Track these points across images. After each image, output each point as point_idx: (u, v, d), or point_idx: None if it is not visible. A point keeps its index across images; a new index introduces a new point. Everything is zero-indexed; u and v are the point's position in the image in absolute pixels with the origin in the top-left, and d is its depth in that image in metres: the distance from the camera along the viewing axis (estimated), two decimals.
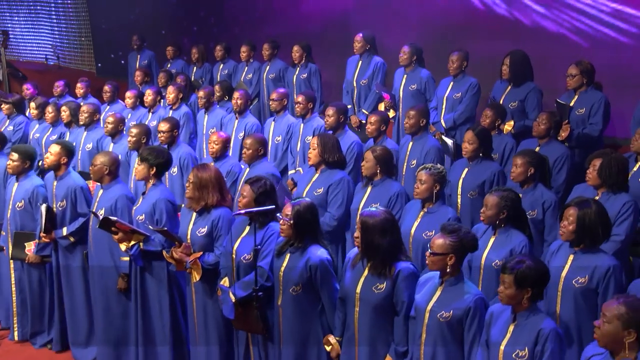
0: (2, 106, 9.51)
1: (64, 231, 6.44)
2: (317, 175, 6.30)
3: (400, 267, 4.62)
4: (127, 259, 5.99)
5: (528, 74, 7.62)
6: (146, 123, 8.95)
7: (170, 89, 8.90)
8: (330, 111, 7.32)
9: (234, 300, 5.21)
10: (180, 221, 5.80)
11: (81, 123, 8.22)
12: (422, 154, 6.79)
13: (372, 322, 4.69)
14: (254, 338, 5.40)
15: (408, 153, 6.91)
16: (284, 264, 5.04)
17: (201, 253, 5.56)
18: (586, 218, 4.60)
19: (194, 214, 5.65)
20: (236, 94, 8.26)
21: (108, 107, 9.76)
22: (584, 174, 6.49)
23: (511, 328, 4.16)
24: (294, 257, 5.00)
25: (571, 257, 4.71)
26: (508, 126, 7.44)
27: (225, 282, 5.39)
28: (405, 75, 8.43)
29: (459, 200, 6.39)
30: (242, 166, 7.11)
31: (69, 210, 6.48)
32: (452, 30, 9.79)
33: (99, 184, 6.27)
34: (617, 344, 3.69)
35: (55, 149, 6.51)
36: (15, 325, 7.02)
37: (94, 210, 6.15)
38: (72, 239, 6.46)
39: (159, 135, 7.27)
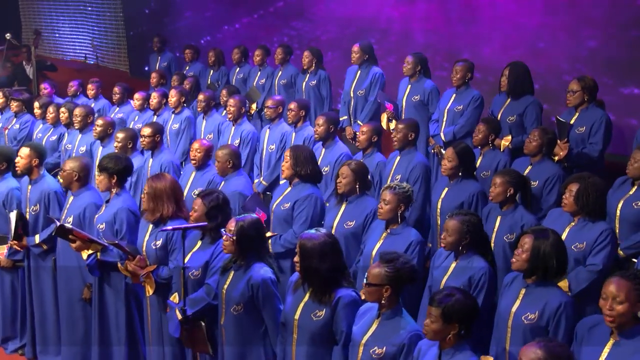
0: (11, 103, 9.54)
1: (37, 239, 6.33)
2: (289, 189, 6.07)
3: (341, 294, 4.37)
4: None
5: (527, 87, 7.26)
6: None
7: (173, 92, 8.78)
8: (320, 120, 7.09)
9: (180, 318, 5.03)
10: (138, 232, 5.64)
11: (75, 126, 8.15)
12: (407, 169, 6.49)
13: (309, 351, 4.44)
14: (202, 357, 5.21)
15: (394, 168, 6.62)
16: (227, 282, 4.83)
17: (155, 266, 5.40)
18: (541, 248, 4.30)
19: (150, 225, 5.50)
20: (231, 101, 8.09)
21: (117, 108, 9.73)
22: None
23: None
24: (237, 274, 4.80)
25: (523, 290, 4.41)
26: (505, 141, 7.09)
27: (174, 298, 5.22)
28: (409, 86, 8.13)
29: (438, 222, 6.09)
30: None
31: (42, 216, 6.39)
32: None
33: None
34: None
35: (25, 151, 6.41)
36: None
37: (63, 217, 6.05)
38: (44, 247, 6.35)
39: (141, 139, 7.14)
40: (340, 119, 8.76)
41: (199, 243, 5.20)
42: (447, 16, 9.96)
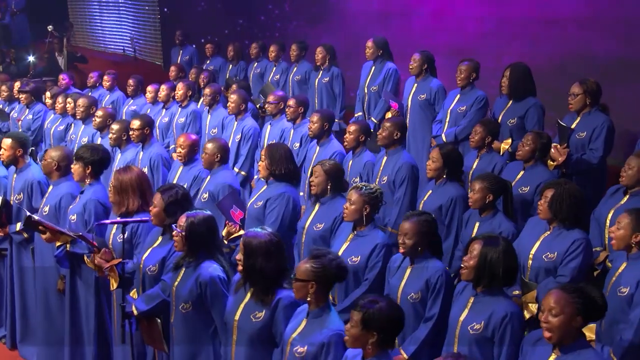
0: (19, 96, 9.63)
1: (18, 226, 6.34)
2: (264, 187, 5.94)
3: (281, 296, 4.23)
4: None
5: (529, 89, 6.96)
6: (158, 119, 8.91)
7: (180, 85, 8.75)
8: (314, 118, 6.94)
9: (135, 314, 4.94)
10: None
11: (77, 117, 8.17)
12: (393, 170, 6.29)
13: (248, 353, 4.31)
14: (159, 354, 5.12)
15: (381, 168, 6.43)
16: (178, 279, 4.72)
17: (119, 260, 5.32)
18: (489, 255, 4.10)
19: (117, 218, 5.43)
20: (233, 96, 8.00)
21: (131, 100, 9.76)
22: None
23: None
24: (187, 272, 4.69)
25: (471, 299, 4.22)
26: (505, 145, 6.82)
27: (134, 293, 5.14)
28: (415, 84, 7.91)
29: None
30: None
31: (25, 204, 6.39)
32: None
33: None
34: None
35: (7, 142, 6.42)
36: None
37: (41, 206, 6.04)
38: (25, 235, 6.34)
39: (130, 132, 7.10)
40: (355, 115, 8.62)
41: (160, 239, 5.11)
42: None
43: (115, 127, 7.14)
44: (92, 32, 18.26)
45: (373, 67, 8.47)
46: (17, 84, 10.00)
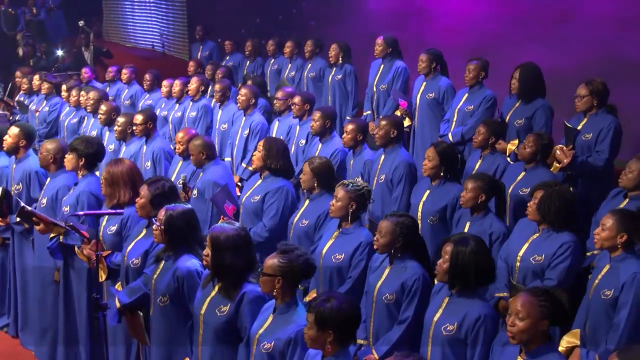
0: (42, 85, 9.74)
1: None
2: (259, 181, 5.91)
3: (246, 289, 4.19)
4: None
5: (539, 90, 6.81)
6: (171, 114, 8.94)
7: (192, 80, 8.76)
8: (315, 115, 6.89)
9: (118, 307, 4.94)
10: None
11: (88, 110, 8.22)
12: (390, 168, 6.21)
13: (213, 347, 4.27)
14: (143, 347, 5.11)
15: (379, 167, 6.35)
16: (157, 272, 4.71)
17: (109, 252, 5.34)
18: (459, 256, 4.03)
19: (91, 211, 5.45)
20: (242, 91, 7.98)
21: (147, 95, 9.80)
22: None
23: None
24: (166, 265, 4.67)
25: (446, 300, 4.16)
26: (512, 146, 6.68)
27: (118, 286, 5.14)
28: (424, 83, 7.79)
29: (420, 226, 5.77)
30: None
31: (24, 195, 6.44)
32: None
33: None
34: None
35: (14, 131, 6.49)
36: None
37: (39, 198, 6.09)
38: (26, 226, 6.37)
39: (134, 127, 7.11)
40: (364, 114, 8.54)
41: (144, 231, 5.10)
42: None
43: (120, 120, 7.17)
44: (124, 28, 18.43)
45: (382, 66, 8.37)
46: (36, 77, 10.10)
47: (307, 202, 5.56)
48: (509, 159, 6.48)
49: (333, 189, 5.52)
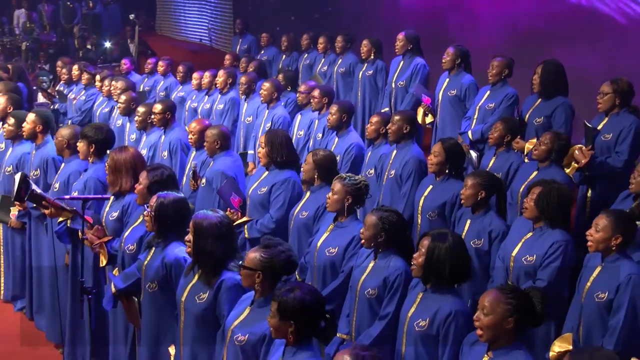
0: (82, 75, 9.93)
1: None
2: (265, 174, 5.92)
3: (225, 277, 4.19)
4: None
5: (560, 88, 6.63)
6: (201, 105, 9.03)
7: (221, 72, 8.84)
8: (333, 109, 6.87)
9: (113, 291, 5.00)
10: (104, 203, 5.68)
11: (115, 99, 8.35)
12: (401, 164, 6.15)
13: (194, 334, 4.30)
14: (138, 331, 5.16)
15: (390, 162, 6.30)
16: (148, 258, 4.75)
17: (110, 238, 5.41)
18: (435, 252, 3.98)
19: (112, 197, 5.51)
20: (265, 84, 8.01)
21: (180, 87, 9.91)
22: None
23: None
24: (156, 252, 4.71)
25: (420, 295, 4.11)
26: (530, 144, 6.53)
27: (115, 271, 5.20)
28: (447, 79, 7.70)
29: (419, 221, 5.74)
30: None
31: (42, 180, 6.57)
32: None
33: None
34: None
35: (31, 117, 6.63)
36: (2, 286, 7.26)
37: (53, 182, 6.21)
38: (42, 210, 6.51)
39: (152, 116, 7.19)
40: (382, 111, 8.48)
41: (141, 218, 5.14)
42: None
43: (140, 110, 7.27)
44: (175, 21, 18.70)
45: (402, 62, 8.30)
46: (75, 67, 10.31)
47: (307, 194, 5.55)
48: (526, 158, 6.35)
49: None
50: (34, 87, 11.85)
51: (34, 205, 6.36)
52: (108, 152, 5.79)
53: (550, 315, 4.68)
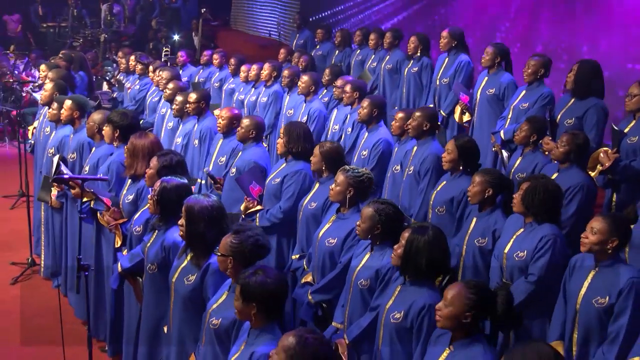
0: (137, 66, 10.25)
1: None
2: (283, 165, 6.01)
3: (212, 261, 4.31)
4: None
5: (595, 89, 6.47)
6: (247, 98, 9.20)
7: (266, 66, 8.98)
8: (364, 103, 6.90)
9: (119, 271, 5.19)
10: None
11: (160, 88, 8.60)
12: (420, 160, 6.15)
13: (181, 315, 4.45)
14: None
15: (411, 158, 6.29)
16: (150, 240, 4.92)
17: (125, 220, 5.61)
18: (414, 243, 4.00)
19: (129, 180, 5.71)
20: (304, 77, 8.10)
21: (232, 79, 10.10)
22: None
23: (242, 346, 3.71)
24: (158, 235, 4.87)
25: (398, 288, 4.13)
26: None
27: (125, 251, 5.39)
28: (486, 78, 7.61)
29: (429, 215, 5.74)
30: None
31: (78, 163, 6.84)
32: None
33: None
34: None
35: (67, 103, 6.91)
36: (42, 263, 7.59)
37: (85, 165, 6.46)
38: None
39: (187, 105, 7.37)
40: None
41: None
42: (572, 6, 9.16)
43: (178, 99, 7.47)
44: (248, 16, 18.97)
45: (447, 59, 8.24)
46: (132, 58, 10.64)
47: (317, 185, 5.62)
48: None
49: None
50: (99, 77, 12.32)
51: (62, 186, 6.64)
52: None
53: (544, 311, 4.66)
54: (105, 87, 11.78)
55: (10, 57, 14.83)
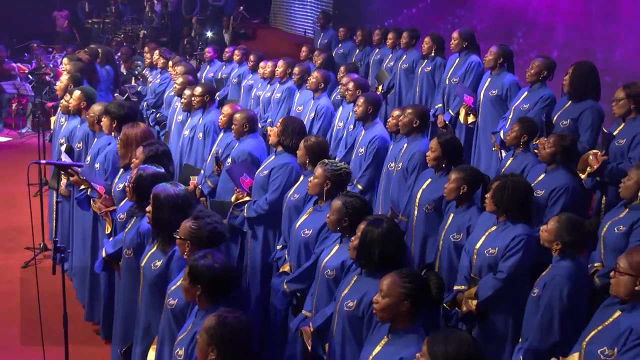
0: (159, 60, 10.49)
1: None
2: (272, 158, 6.15)
3: (177, 247, 4.44)
4: None
5: (590, 91, 6.45)
6: (262, 94, 9.38)
7: (280, 62, 9.12)
8: (359, 100, 7.01)
9: (103, 256, 5.38)
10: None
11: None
12: (408, 157, 6.23)
13: (148, 299, 4.61)
14: None
15: (400, 155, 6.38)
16: (128, 227, 5.09)
17: (114, 208, 5.80)
18: (368, 235, 4.11)
19: (121, 170, 5.90)
20: (314, 73, 8.22)
21: (250, 75, 10.28)
22: None
23: (190, 326, 3.88)
24: (135, 221, 5.04)
25: (355, 278, 4.27)
26: None
27: (111, 238, 5.58)
28: (489, 79, 7.64)
29: (415, 213, 5.80)
30: None
31: (83, 152, 7.07)
32: None
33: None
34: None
35: (76, 93, 7.14)
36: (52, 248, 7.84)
37: (88, 155, 6.70)
38: None
39: (193, 98, 7.55)
40: (435, 107, 8.51)
41: None
42: (588, 11, 9.11)
43: (186, 93, 7.66)
44: (286, 14, 19.17)
45: (457, 60, 8.28)
46: (156, 52, 10.90)
47: (301, 178, 5.74)
48: None
49: None
50: (129, 71, 12.64)
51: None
52: None
53: (509, 309, 4.72)
54: (133, 81, 12.09)
55: (49, 52, 15.30)
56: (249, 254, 6.13)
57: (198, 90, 7.56)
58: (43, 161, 5.94)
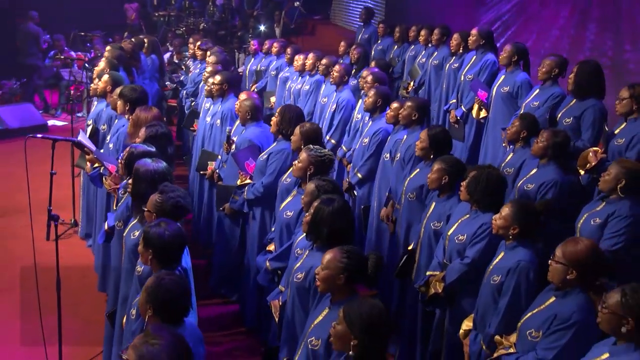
0: (197, 52, 10.87)
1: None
2: (274, 144, 6.40)
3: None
4: None
5: (594, 89, 6.50)
6: (294, 86, 9.64)
7: (310, 55, 9.36)
8: (370, 92, 7.19)
9: (105, 228, 5.71)
10: None
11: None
12: (406, 148, 6.40)
13: (126, 267, 4.86)
14: None
15: (400, 146, 6.54)
16: (121, 201, 5.41)
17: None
18: (319, 213, 4.34)
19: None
20: (337, 67, 8.43)
21: (287, 68, 10.54)
22: None
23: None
24: (126, 195, 5.33)
25: (307, 252, 4.51)
26: None
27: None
28: (502, 76, 7.73)
29: (402, 200, 5.99)
30: None
31: (107, 134, 7.44)
32: None
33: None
34: None
35: (104, 78, 7.51)
36: (80, 224, 8.29)
37: (108, 135, 7.07)
38: None
39: (212, 87, 7.83)
40: (450, 102, 8.63)
41: None
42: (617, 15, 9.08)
43: (209, 81, 7.96)
44: (346, 10, 19.38)
45: (474, 57, 8.38)
46: (198, 44, 11.27)
47: (295, 163, 5.95)
48: None
49: None
50: (179, 61, 13.08)
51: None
52: None
53: (476, 292, 4.85)
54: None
55: (108, 42, 15.87)
56: (249, 235, 6.40)
57: (217, 78, 7.85)
58: (39, 135, 6.29)
